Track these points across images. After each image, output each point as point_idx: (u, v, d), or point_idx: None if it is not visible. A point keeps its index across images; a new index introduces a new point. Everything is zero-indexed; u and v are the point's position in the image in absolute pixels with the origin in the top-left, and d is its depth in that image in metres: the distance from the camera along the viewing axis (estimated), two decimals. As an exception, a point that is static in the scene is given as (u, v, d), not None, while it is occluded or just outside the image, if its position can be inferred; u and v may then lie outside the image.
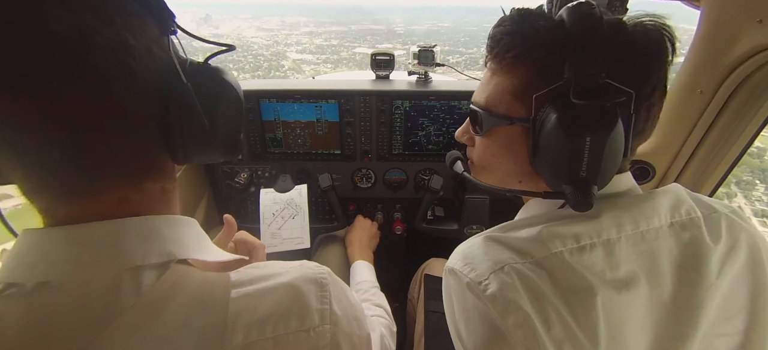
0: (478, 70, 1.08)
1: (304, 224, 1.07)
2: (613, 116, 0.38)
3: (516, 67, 0.45)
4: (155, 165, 0.38)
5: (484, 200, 1.13)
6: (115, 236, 0.34)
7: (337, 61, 29.26)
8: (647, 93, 0.42)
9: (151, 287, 0.33)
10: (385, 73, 1.17)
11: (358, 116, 1.11)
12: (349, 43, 41.53)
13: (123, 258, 0.33)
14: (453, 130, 1.14)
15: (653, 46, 0.41)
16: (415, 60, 1.12)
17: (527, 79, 0.44)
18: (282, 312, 0.37)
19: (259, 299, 0.36)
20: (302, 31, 47.33)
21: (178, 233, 0.38)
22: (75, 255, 0.32)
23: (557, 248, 0.42)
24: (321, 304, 0.40)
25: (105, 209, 0.34)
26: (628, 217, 0.45)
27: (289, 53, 31.97)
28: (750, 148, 0.86)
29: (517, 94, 0.46)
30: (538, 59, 0.43)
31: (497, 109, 0.48)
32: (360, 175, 1.23)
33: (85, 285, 0.32)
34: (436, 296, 0.97)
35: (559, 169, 0.42)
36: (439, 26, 64.30)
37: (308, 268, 0.43)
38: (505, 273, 0.41)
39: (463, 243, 0.49)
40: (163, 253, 0.35)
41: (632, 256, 0.43)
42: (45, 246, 0.33)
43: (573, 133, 0.39)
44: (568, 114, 0.39)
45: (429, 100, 1.09)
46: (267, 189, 1.09)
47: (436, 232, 1.21)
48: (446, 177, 1.16)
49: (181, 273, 0.36)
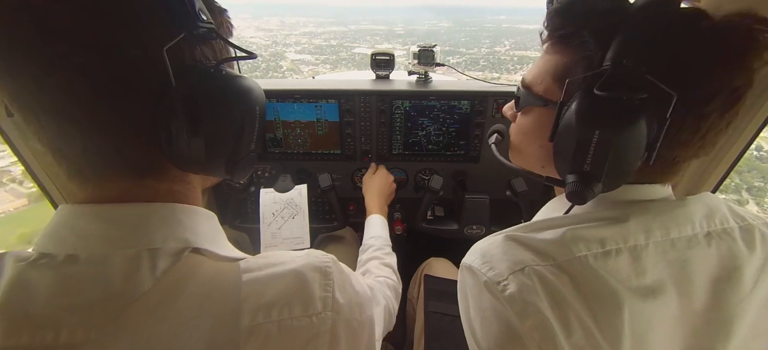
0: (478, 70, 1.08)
1: (304, 224, 1.07)
2: (630, 114, 0.36)
3: (561, 48, 0.43)
4: (153, 165, 0.38)
5: (484, 200, 1.13)
6: (140, 217, 0.37)
7: (336, 62, 29.19)
8: (699, 98, 0.37)
9: (166, 272, 0.35)
10: (385, 73, 1.17)
11: (358, 116, 1.11)
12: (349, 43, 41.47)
13: (145, 238, 0.36)
14: (453, 130, 1.14)
15: (721, 46, 0.36)
16: (415, 60, 1.12)
17: (570, 62, 0.42)
18: (287, 298, 0.38)
19: (266, 284, 0.38)
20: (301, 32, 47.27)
21: (196, 223, 0.40)
22: (103, 232, 0.35)
23: (581, 252, 0.41)
24: (324, 292, 0.41)
25: (111, 196, 0.37)
26: (658, 223, 0.43)
27: (288, 53, 31.89)
28: (749, 149, 0.86)
29: (556, 77, 0.44)
30: (584, 43, 0.40)
31: (536, 89, 0.47)
32: (360, 175, 1.23)
33: (107, 260, 0.34)
34: (436, 296, 0.97)
35: (566, 157, 0.41)
36: (439, 26, 64.31)
37: (314, 256, 0.44)
38: (524, 275, 0.40)
39: (483, 241, 0.48)
40: (180, 239, 0.38)
41: (660, 264, 0.41)
42: (77, 221, 0.36)
43: (583, 122, 0.38)
44: (584, 102, 0.38)
45: (429, 99, 1.09)
46: (267, 189, 1.09)
47: (436, 232, 1.21)
48: (446, 177, 1.16)
49: (195, 262, 0.38)
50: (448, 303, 0.94)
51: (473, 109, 1.10)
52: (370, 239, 0.90)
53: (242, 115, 0.40)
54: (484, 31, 50.30)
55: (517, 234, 0.45)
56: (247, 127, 0.40)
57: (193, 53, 0.37)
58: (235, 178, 0.43)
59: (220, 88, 0.37)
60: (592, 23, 0.39)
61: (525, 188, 1.07)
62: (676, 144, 0.40)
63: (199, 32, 0.35)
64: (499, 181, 1.14)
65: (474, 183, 1.22)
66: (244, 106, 0.40)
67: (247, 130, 0.40)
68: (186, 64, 0.36)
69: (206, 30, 0.36)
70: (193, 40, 0.36)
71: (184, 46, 0.35)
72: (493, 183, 1.17)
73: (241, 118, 0.40)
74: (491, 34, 45.22)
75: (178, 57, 0.35)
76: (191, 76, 0.36)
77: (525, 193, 1.07)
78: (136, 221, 0.36)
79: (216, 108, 0.37)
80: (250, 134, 0.41)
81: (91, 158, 0.36)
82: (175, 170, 0.40)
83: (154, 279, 0.34)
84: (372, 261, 0.81)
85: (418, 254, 1.23)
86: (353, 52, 33.64)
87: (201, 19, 0.35)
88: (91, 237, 0.35)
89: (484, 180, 1.21)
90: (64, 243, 0.35)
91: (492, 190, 1.14)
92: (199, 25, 0.35)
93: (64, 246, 0.35)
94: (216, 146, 0.38)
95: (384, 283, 0.71)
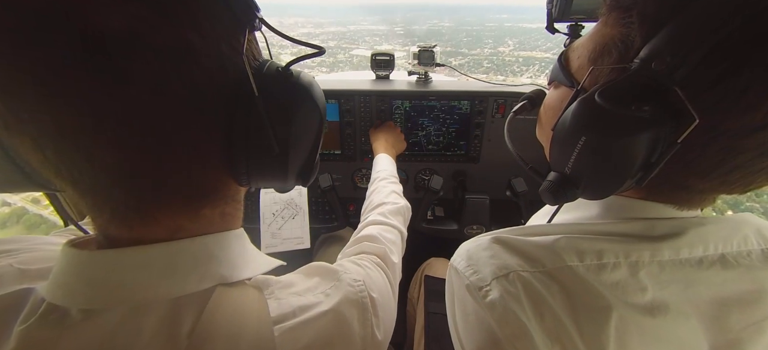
0: (482, 72, 1.06)
1: (304, 224, 1.07)
2: (631, 126, 0.30)
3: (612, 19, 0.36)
4: (216, 189, 0.33)
5: (483, 200, 1.13)
6: (169, 260, 0.30)
7: (333, 64, 28.98)
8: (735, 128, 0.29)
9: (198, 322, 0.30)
10: (385, 73, 1.17)
11: (358, 116, 1.11)
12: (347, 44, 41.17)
13: (178, 285, 0.30)
14: (453, 130, 1.14)
15: None
16: (415, 60, 1.12)
17: (609, 42, 0.35)
18: (325, 341, 0.36)
19: (302, 330, 0.35)
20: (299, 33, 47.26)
21: (229, 253, 0.35)
22: (124, 281, 0.29)
23: (572, 261, 0.38)
24: (363, 329, 0.40)
25: (157, 236, 0.31)
26: (667, 244, 0.38)
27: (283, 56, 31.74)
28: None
29: (592, 55, 0.37)
30: (627, 24, 0.33)
31: (568, 63, 0.42)
32: (360, 175, 1.23)
33: (134, 314, 0.29)
34: (436, 297, 0.97)
35: (555, 151, 0.38)
36: (440, 26, 64.18)
37: (349, 287, 0.41)
38: (508, 281, 0.38)
39: (470, 241, 0.45)
40: (214, 277, 0.33)
41: (662, 283, 0.37)
42: (88, 270, 0.29)
43: (575, 121, 0.34)
44: (583, 102, 0.33)
45: (429, 100, 1.09)
46: (267, 189, 1.09)
47: (436, 232, 1.21)
48: (446, 178, 1.16)
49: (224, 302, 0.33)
50: (448, 304, 0.94)
51: (473, 109, 1.10)
52: (378, 172, 0.90)
53: (319, 117, 0.36)
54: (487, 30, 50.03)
55: (505, 236, 0.43)
56: (322, 132, 0.37)
57: (253, 52, 0.32)
58: (305, 185, 0.40)
59: (296, 90, 0.33)
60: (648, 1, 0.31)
61: (525, 188, 1.07)
62: (691, 172, 0.34)
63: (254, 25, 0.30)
64: (499, 181, 1.13)
65: (474, 184, 1.21)
66: (317, 108, 0.35)
67: (321, 135, 0.37)
68: (253, 66, 0.31)
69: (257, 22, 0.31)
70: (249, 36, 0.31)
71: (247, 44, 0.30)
72: (493, 183, 1.17)
73: (318, 120, 0.36)
74: (494, 34, 44.98)
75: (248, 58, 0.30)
76: (265, 80, 0.31)
77: (525, 193, 1.07)
78: (163, 266, 0.30)
79: (295, 114, 0.33)
80: (320, 137, 0.38)
81: (143, 195, 0.29)
82: (233, 189, 0.35)
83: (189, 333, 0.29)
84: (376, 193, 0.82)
85: (419, 254, 1.23)
86: (352, 54, 33.15)
87: (258, 9, 0.30)
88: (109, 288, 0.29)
89: (484, 180, 1.20)
90: (76, 295, 0.29)
91: (492, 190, 1.14)
92: (256, 15, 0.30)
93: (76, 300, 0.29)
94: (295, 156, 0.35)
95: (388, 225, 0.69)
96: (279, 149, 0.32)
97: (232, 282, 0.34)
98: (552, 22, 0.81)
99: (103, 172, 0.27)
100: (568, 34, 0.84)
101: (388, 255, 0.57)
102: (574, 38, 0.84)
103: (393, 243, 0.63)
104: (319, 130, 0.37)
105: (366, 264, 0.50)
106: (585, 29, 0.83)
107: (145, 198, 0.29)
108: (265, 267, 0.40)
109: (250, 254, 0.39)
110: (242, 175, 0.33)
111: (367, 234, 0.63)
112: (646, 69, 0.30)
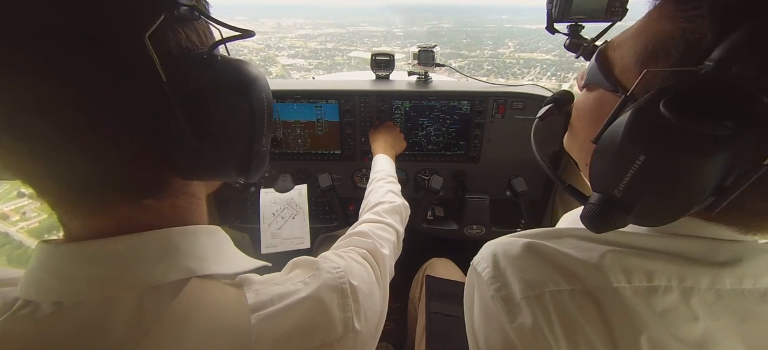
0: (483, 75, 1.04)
1: (304, 224, 1.07)
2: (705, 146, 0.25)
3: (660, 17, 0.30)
4: (153, 181, 0.33)
5: (483, 200, 1.13)
6: (131, 252, 0.31)
7: (331, 67, 28.68)
8: None
9: (168, 308, 0.31)
10: (385, 73, 1.17)
11: (358, 116, 1.11)
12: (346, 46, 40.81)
13: (142, 276, 0.31)
14: (453, 130, 1.14)
15: None
16: (415, 60, 1.12)
17: (663, 41, 0.29)
18: (305, 327, 0.35)
19: (281, 317, 0.35)
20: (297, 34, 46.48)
21: (196, 246, 0.35)
22: (90, 274, 0.30)
23: (619, 282, 0.33)
24: (344, 313, 0.39)
25: (110, 227, 0.31)
26: (728, 271, 0.34)
27: (280, 58, 30.96)
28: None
29: (639, 57, 0.32)
30: (692, 18, 0.27)
31: (609, 64, 0.35)
32: (360, 175, 1.23)
33: (104, 305, 0.29)
34: (437, 297, 0.97)
35: (600, 169, 0.32)
36: (440, 26, 64.23)
37: (328, 274, 0.40)
38: (541, 305, 0.34)
39: (498, 242, 0.41)
40: (181, 269, 0.33)
41: (716, 313, 0.33)
42: (58, 263, 0.30)
43: (631, 135, 0.28)
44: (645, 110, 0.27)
45: (429, 100, 1.09)
46: (267, 189, 1.09)
47: (436, 232, 1.21)
48: (446, 178, 1.16)
49: (198, 291, 0.33)
50: (449, 304, 0.94)
51: (473, 109, 1.10)
52: (376, 172, 0.90)
53: (251, 105, 0.33)
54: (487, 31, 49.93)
55: (539, 243, 0.38)
56: (258, 119, 0.34)
57: (179, 40, 0.31)
58: (249, 179, 0.37)
59: (220, 77, 0.31)
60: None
61: (525, 188, 1.07)
62: None
63: (180, 12, 0.29)
64: (499, 181, 1.14)
65: (474, 183, 1.22)
66: (251, 94, 0.33)
67: (257, 122, 0.34)
68: (173, 53, 0.30)
69: (188, 9, 0.30)
70: (176, 23, 0.30)
71: (168, 31, 0.29)
72: (493, 183, 1.17)
73: (250, 109, 0.33)
74: (494, 35, 44.88)
75: (163, 46, 0.29)
76: (183, 66, 0.30)
77: (525, 193, 1.07)
78: (128, 257, 0.31)
79: (218, 100, 0.31)
80: (261, 127, 0.35)
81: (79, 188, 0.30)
82: (178, 182, 0.35)
83: (156, 321, 0.30)
84: (373, 193, 0.82)
85: (419, 254, 1.23)
86: (349, 56, 32.48)
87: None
88: (78, 281, 0.30)
89: (484, 180, 1.21)
90: (47, 289, 0.29)
91: (492, 190, 1.14)
92: (180, 2, 0.29)
93: (47, 294, 0.29)
94: (224, 146, 0.33)
95: (382, 223, 0.69)
96: (198, 139, 0.30)
97: (207, 275, 0.35)
98: (552, 22, 0.81)
99: (42, 161, 0.28)
100: (568, 34, 0.84)
101: (378, 249, 0.57)
102: (574, 38, 0.84)
103: (385, 240, 0.63)
104: (251, 117, 0.34)
105: (350, 255, 0.50)
106: (584, 29, 0.83)
107: (83, 189, 0.30)
108: (245, 266, 0.40)
109: (227, 253, 0.39)
110: (177, 166, 0.32)
111: (358, 231, 0.63)
112: (723, 73, 0.24)
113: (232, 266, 0.38)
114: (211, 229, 0.38)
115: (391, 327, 1.34)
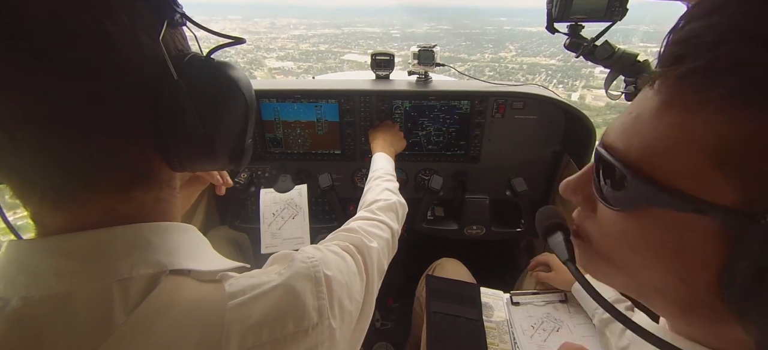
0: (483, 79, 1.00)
1: (304, 224, 1.07)
2: None
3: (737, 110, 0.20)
4: (146, 172, 0.35)
5: (483, 200, 1.13)
6: (100, 245, 0.32)
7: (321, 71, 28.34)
8: None
9: (141, 302, 0.31)
10: (385, 73, 1.17)
11: (358, 116, 1.11)
12: (339, 48, 39.66)
13: (110, 269, 0.31)
14: (453, 130, 1.15)
15: None
16: (415, 60, 1.12)
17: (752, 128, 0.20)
18: (278, 315, 0.36)
19: (252, 305, 0.35)
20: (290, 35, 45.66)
21: (168, 241, 0.36)
22: (58, 267, 0.30)
23: None
24: (318, 300, 0.39)
25: (91, 220, 0.32)
26: None
27: (268, 60, 29.70)
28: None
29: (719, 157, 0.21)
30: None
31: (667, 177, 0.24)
32: (360, 175, 1.23)
33: (68, 298, 0.30)
34: (437, 296, 0.96)
35: None
36: (438, 28, 64.32)
37: (300, 263, 0.41)
38: None
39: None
40: (152, 263, 0.33)
41: None
42: (26, 258, 0.31)
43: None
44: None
45: (429, 100, 1.09)
46: (267, 189, 1.09)
47: (436, 232, 1.21)
48: (446, 177, 1.16)
49: (174, 287, 0.34)
50: (449, 303, 0.94)
51: (473, 109, 1.10)
52: (375, 171, 0.90)
53: (244, 102, 0.38)
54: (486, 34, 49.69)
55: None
56: (249, 115, 0.39)
57: (175, 42, 0.35)
58: (239, 168, 0.42)
59: (218, 77, 0.36)
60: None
61: (525, 188, 1.07)
62: None
63: (175, 18, 0.33)
64: (499, 181, 1.14)
65: (474, 183, 1.22)
66: (242, 94, 0.38)
67: (248, 117, 0.39)
68: (172, 54, 0.33)
69: (179, 16, 0.34)
70: (172, 27, 0.34)
71: (168, 34, 0.33)
72: (493, 183, 1.17)
73: (243, 105, 0.38)
74: (493, 38, 44.59)
75: (168, 47, 0.33)
76: (186, 66, 0.34)
77: (525, 193, 1.07)
78: (97, 250, 0.31)
79: (218, 98, 0.36)
80: (250, 122, 0.40)
81: (71, 177, 0.30)
82: (166, 174, 0.37)
83: (127, 313, 0.30)
84: (369, 191, 0.82)
85: (420, 254, 1.23)
86: (343, 59, 30.71)
87: (177, 4, 0.33)
88: (46, 275, 0.30)
89: (484, 180, 1.21)
90: (15, 284, 0.30)
91: (492, 190, 1.14)
92: (176, 10, 0.33)
93: (16, 288, 0.30)
94: (222, 138, 0.37)
95: (374, 220, 0.69)
96: (204, 129, 0.34)
97: (182, 270, 0.35)
98: (552, 22, 0.82)
99: (28, 150, 0.29)
100: (569, 33, 0.84)
101: (365, 243, 0.57)
102: (574, 38, 0.84)
103: (374, 236, 0.63)
104: (244, 114, 0.39)
105: (329, 247, 0.50)
106: (584, 29, 0.84)
107: (72, 178, 0.31)
108: (222, 265, 0.40)
109: (201, 250, 0.40)
110: (172, 157, 0.34)
111: (347, 227, 0.63)
112: None
113: (207, 264, 0.39)
114: (185, 227, 0.39)
115: (391, 327, 1.34)
